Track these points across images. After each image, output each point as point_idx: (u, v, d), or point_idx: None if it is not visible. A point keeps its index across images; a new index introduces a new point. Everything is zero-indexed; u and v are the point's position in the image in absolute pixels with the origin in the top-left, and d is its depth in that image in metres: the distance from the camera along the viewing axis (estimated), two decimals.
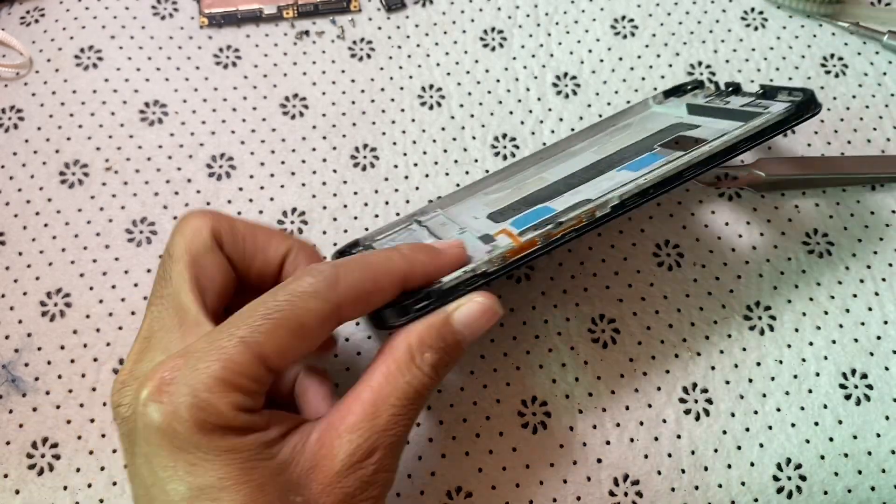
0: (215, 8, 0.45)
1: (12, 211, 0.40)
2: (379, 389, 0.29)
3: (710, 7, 0.46)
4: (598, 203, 0.31)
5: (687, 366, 0.38)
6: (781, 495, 0.35)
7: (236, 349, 0.26)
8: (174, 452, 0.26)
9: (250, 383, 0.27)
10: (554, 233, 0.31)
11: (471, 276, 0.30)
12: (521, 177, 0.39)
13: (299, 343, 0.27)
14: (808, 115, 0.33)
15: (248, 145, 0.42)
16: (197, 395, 0.26)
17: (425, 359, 0.29)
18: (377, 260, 0.29)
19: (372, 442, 0.28)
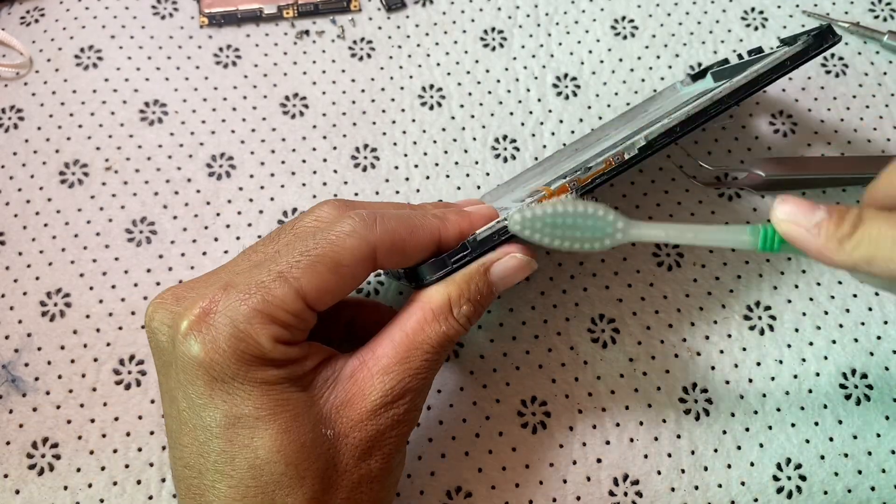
0: (215, 7, 0.45)
1: (12, 211, 0.40)
2: (413, 335, 0.30)
3: (710, 7, 0.46)
4: (625, 146, 0.31)
5: (687, 366, 0.38)
6: (781, 495, 0.35)
7: (275, 283, 0.27)
8: (211, 382, 0.27)
9: (289, 317, 0.28)
10: (583, 178, 0.31)
11: (504, 226, 0.30)
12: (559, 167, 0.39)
13: (337, 280, 0.28)
14: (826, 44, 0.33)
15: (248, 145, 0.42)
16: (236, 327, 0.27)
17: (463, 310, 0.30)
18: (414, 214, 0.31)
19: (405, 384, 0.29)
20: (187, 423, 0.28)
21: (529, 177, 0.40)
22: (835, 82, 0.44)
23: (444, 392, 0.37)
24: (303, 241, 0.29)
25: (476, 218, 0.32)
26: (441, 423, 0.36)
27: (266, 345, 0.27)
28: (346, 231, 0.29)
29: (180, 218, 0.40)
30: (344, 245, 0.28)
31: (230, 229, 0.40)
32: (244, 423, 0.27)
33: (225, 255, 0.40)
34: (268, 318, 0.27)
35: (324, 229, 0.29)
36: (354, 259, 0.28)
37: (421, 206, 0.34)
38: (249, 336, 0.27)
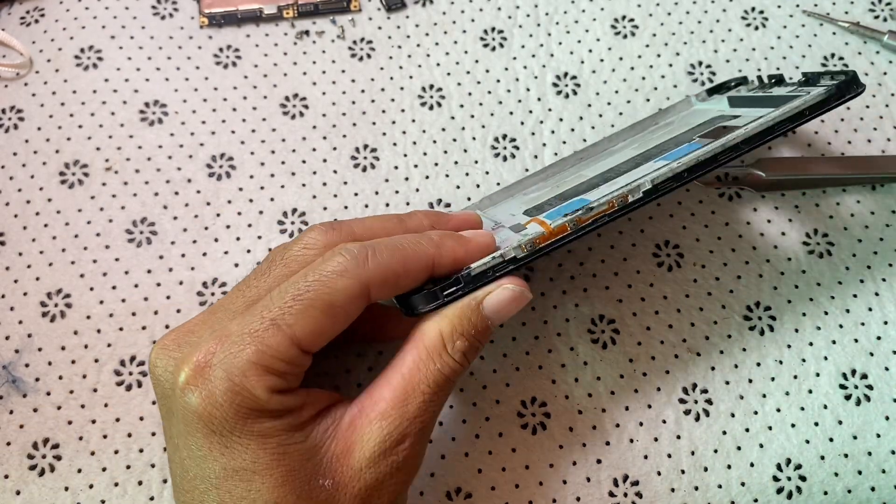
0: (215, 8, 0.45)
1: (12, 211, 0.40)
2: (410, 377, 0.29)
3: (711, 7, 0.46)
4: (630, 188, 0.30)
5: (687, 366, 0.38)
6: (781, 496, 0.36)
7: (268, 332, 0.27)
8: (210, 435, 0.27)
9: (284, 366, 0.27)
10: (584, 218, 0.30)
11: (500, 262, 0.30)
12: (561, 176, 0.39)
13: (330, 322, 0.28)
14: (849, 94, 0.32)
15: (248, 145, 0.42)
16: (232, 380, 0.27)
17: (457, 346, 0.30)
18: (407, 243, 0.30)
19: (403, 429, 0.29)
20: (189, 470, 0.28)
21: (530, 183, 0.39)
22: None
23: None
24: (294, 282, 0.28)
25: (473, 248, 0.31)
26: (441, 425, 0.36)
27: (262, 396, 0.27)
28: (338, 271, 0.28)
29: (180, 218, 0.40)
30: (336, 286, 0.28)
31: (230, 230, 0.40)
32: (241, 476, 0.27)
33: (225, 255, 0.40)
34: (263, 368, 0.27)
35: (315, 267, 0.28)
36: (347, 299, 0.28)
37: (411, 215, 0.33)
38: (245, 389, 0.27)
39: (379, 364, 0.37)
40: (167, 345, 0.29)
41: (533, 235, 0.30)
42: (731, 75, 0.44)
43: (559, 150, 0.42)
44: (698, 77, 0.44)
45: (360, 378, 0.37)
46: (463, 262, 0.30)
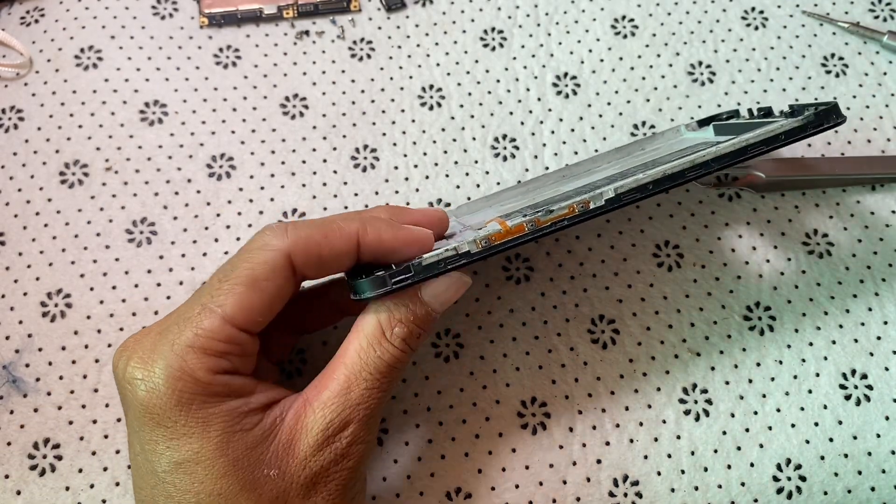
0: (215, 8, 0.45)
1: (12, 211, 0.40)
2: (351, 365, 0.30)
3: (711, 7, 0.46)
4: (592, 195, 0.30)
5: (687, 366, 0.38)
6: (781, 496, 0.36)
7: (201, 315, 0.28)
8: (155, 428, 0.28)
9: (222, 346, 0.28)
10: (543, 220, 0.30)
11: (453, 255, 0.30)
12: (540, 191, 0.39)
13: (260, 297, 0.28)
14: (828, 124, 0.32)
15: (248, 145, 0.42)
16: (171, 366, 0.27)
17: (395, 333, 0.30)
18: (332, 218, 0.30)
19: (345, 416, 0.29)
20: (141, 467, 0.28)
21: (510, 196, 0.39)
22: (835, 82, 0.44)
23: (444, 393, 0.37)
24: (222, 267, 0.29)
25: (403, 233, 0.30)
26: (441, 425, 0.37)
27: (203, 377, 0.27)
28: (258, 245, 0.29)
29: (180, 218, 0.40)
30: (257, 259, 0.28)
31: (230, 230, 0.40)
32: (185, 469, 0.28)
33: (225, 255, 0.40)
34: (200, 350, 0.28)
35: (241, 250, 0.29)
36: (270, 271, 0.28)
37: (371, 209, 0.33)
38: (185, 372, 0.27)
39: None
40: (127, 345, 0.30)
41: (488, 232, 0.30)
42: (732, 75, 0.44)
43: (559, 151, 0.42)
44: (698, 77, 0.44)
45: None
46: (389, 243, 0.30)
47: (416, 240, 0.31)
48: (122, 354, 0.29)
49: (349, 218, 0.30)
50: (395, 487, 0.35)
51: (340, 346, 0.30)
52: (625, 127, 0.43)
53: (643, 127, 0.43)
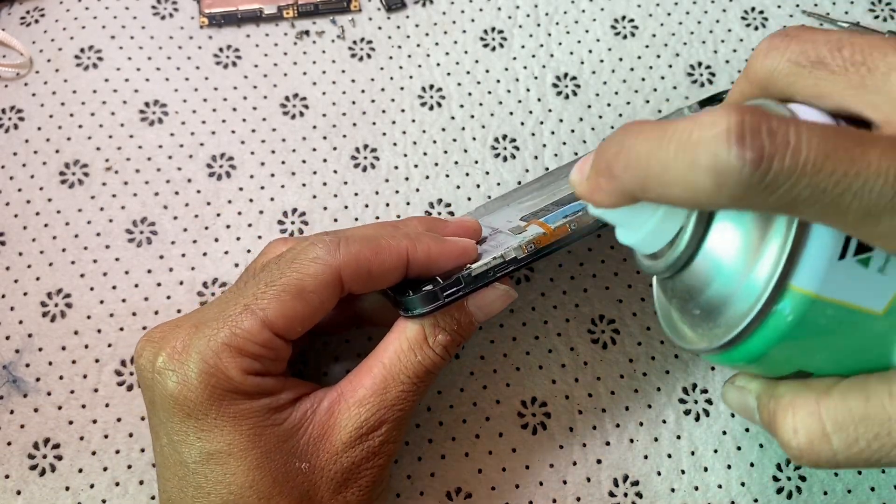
0: (215, 8, 0.45)
1: (12, 211, 0.40)
2: (390, 366, 0.30)
3: (711, 7, 0.46)
4: None
5: (687, 366, 0.38)
6: (781, 496, 0.36)
7: (242, 315, 0.28)
8: (185, 420, 0.28)
9: (258, 348, 0.28)
10: (586, 219, 0.30)
11: (501, 263, 0.30)
12: (556, 185, 0.39)
13: (303, 307, 0.29)
14: None
15: (248, 145, 0.42)
16: (206, 362, 0.27)
17: (438, 340, 0.30)
18: (381, 234, 0.30)
19: (380, 416, 0.29)
20: (168, 458, 0.29)
21: (525, 193, 0.39)
22: None
23: (444, 393, 0.37)
24: (269, 271, 0.29)
25: (449, 246, 0.31)
26: (441, 425, 0.37)
27: (236, 377, 0.28)
28: (310, 257, 0.29)
29: (181, 218, 0.40)
30: (307, 271, 0.28)
31: (230, 230, 0.40)
32: (217, 460, 0.28)
33: (225, 255, 0.40)
34: (236, 350, 0.28)
35: (290, 257, 0.29)
36: (319, 284, 0.28)
37: (406, 222, 0.33)
38: (219, 370, 0.27)
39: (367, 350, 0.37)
40: (153, 336, 0.30)
41: (533, 236, 0.30)
42: (731, 76, 0.44)
43: (559, 151, 0.43)
44: (698, 78, 0.45)
45: (350, 365, 0.37)
46: (437, 259, 0.30)
47: (463, 251, 0.31)
48: (147, 345, 0.29)
49: (396, 234, 0.30)
50: (395, 487, 0.35)
51: (378, 344, 0.31)
52: None
53: None
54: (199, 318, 0.29)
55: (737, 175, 0.19)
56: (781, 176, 0.19)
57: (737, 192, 0.20)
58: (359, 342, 0.38)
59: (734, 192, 0.20)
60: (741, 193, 0.20)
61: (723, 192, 0.20)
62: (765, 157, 0.19)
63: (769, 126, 0.20)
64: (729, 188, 0.20)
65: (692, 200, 0.21)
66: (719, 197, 0.20)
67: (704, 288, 0.24)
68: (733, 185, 0.20)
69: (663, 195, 0.22)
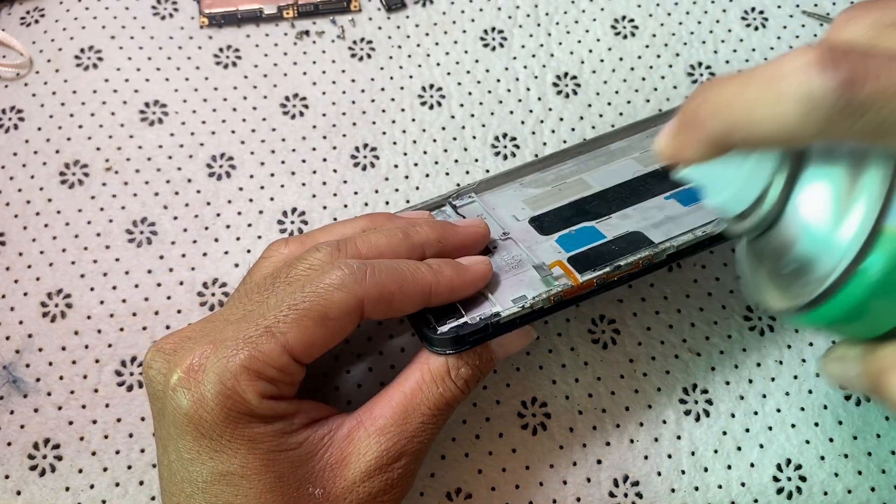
0: (215, 8, 0.45)
1: (12, 211, 0.40)
2: (412, 396, 0.30)
3: (711, 7, 0.46)
4: (656, 251, 0.32)
5: (687, 366, 0.38)
6: (781, 496, 0.36)
7: (262, 339, 0.28)
8: (199, 438, 0.27)
9: (276, 373, 0.28)
10: (612, 275, 0.32)
11: (528, 313, 0.31)
12: (560, 173, 0.39)
13: (323, 333, 0.28)
14: None
15: (248, 145, 0.42)
16: (223, 383, 0.27)
17: (461, 374, 0.31)
18: (406, 266, 0.30)
19: (401, 447, 0.29)
20: (176, 473, 0.28)
21: (528, 172, 0.39)
22: None
23: None
24: (291, 293, 0.28)
25: (470, 277, 0.31)
26: None
27: (253, 401, 0.27)
28: (336, 284, 0.28)
29: (181, 218, 0.40)
30: (332, 298, 0.28)
31: (230, 230, 0.40)
32: (229, 481, 0.27)
33: (225, 255, 0.40)
34: (255, 374, 0.27)
35: (313, 279, 0.29)
36: (342, 312, 0.28)
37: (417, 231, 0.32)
38: (236, 392, 0.27)
39: (368, 351, 0.38)
40: (164, 347, 0.30)
41: (561, 288, 0.31)
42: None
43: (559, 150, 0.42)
44: (698, 78, 0.45)
45: (360, 378, 0.37)
46: (459, 290, 0.31)
47: (482, 278, 0.32)
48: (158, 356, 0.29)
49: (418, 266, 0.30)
50: None
51: (399, 374, 0.31)
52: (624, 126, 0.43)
53: None
54: (216, 335, 0.28)
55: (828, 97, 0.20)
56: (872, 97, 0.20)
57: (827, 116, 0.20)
58: (359, 342, 0.38)
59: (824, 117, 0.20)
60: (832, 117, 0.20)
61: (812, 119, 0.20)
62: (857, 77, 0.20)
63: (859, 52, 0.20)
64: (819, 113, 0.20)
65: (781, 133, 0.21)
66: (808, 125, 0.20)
67: (795, 243, 0.24)
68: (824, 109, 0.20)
69: (752, 135, 0.22)
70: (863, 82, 0.20)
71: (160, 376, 0.29)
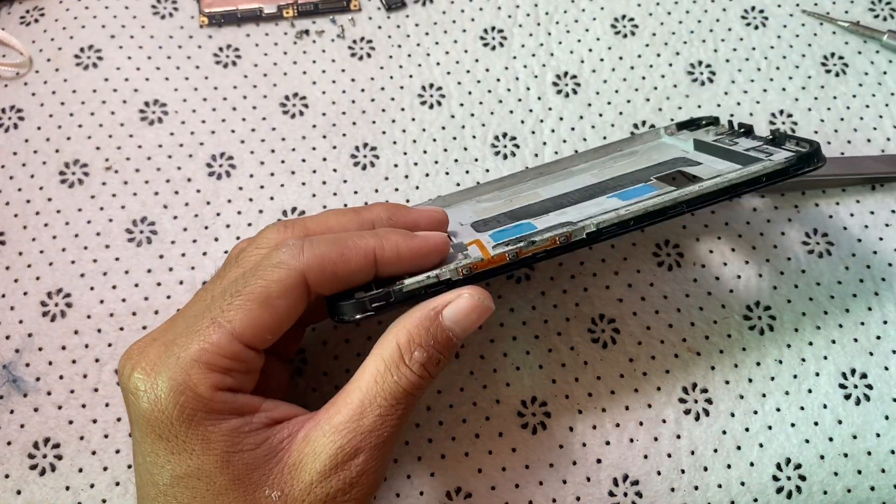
0: (215, 7, 0.45)
1: (12, 211, 0.40)
2: (367, 389, 0.29)
3: (711, 6, 0.46)
4: (575, 228, 0.30)
5: (687, 366, 0.38)
6: (781, 495, 0.36)
7: (209, 329, 0.27)
8: (157, 441, 0.27)
9: (228, 362, 0.27)
10: (525, 251, 0.30)
11: (434, 283, 0.30)
12: (517, 189, 0.39)
13: (270, 314, 0.28)
14: (808, 168, 0.32)
15: (247, 144, 0.42)
16: (174, 379, 0.27)
17: (415, 357, 0.29)
18: (347, 235, 0.29)
19: (356, 443, 0.28)
20: (142, 476, 0.28)
21: (486, 191, 0.39)
22: (835, 81, 0.44)
23: (444, 393, 0.37)
24: (235, 281, 0.28)
25: (418, 244, 0.30)
26: (441, 424, 0.37)
27: (205, 393, 0.27)
28: (273, 263, 0.28)
29: (180, 218, 0.40)
30: (271, 278, 0.28)
31: (230, 229, 0.40)
32: (186, 483, 0.27)
33: (225, 254, 0.40)
34: (205, 366, 0.27)
35: (256, 265, 0.29)
36: (284, 290, 0.28)
37: (369, 208, 0.32)
38: (188, 387, 0.27)
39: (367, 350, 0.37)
40: (132, 352, 0.29)
41: (471, 261, 0.30)
42: (731, 75, 0.44)
43: (559, 149, 0.42)
44: (698, 77, 0.44)
45: (349, 364, 0.37)
46: (406, 258, 0.30)
47: (434, 248, 0.30)
48: (127, 362, 0.29)
49: (363, 234, 0.30)
50: (395, 487, 0.35)
51: (358, 368, 0.30)
52: (625, 126, 0.43)
53: (643, 126, 0.43)
54: (169, 333, 0.28)
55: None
56: None
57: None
58: (358, 342, 0.38)
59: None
60: None
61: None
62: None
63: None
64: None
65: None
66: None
67: None
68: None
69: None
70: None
71: (124, 379, 0.29)
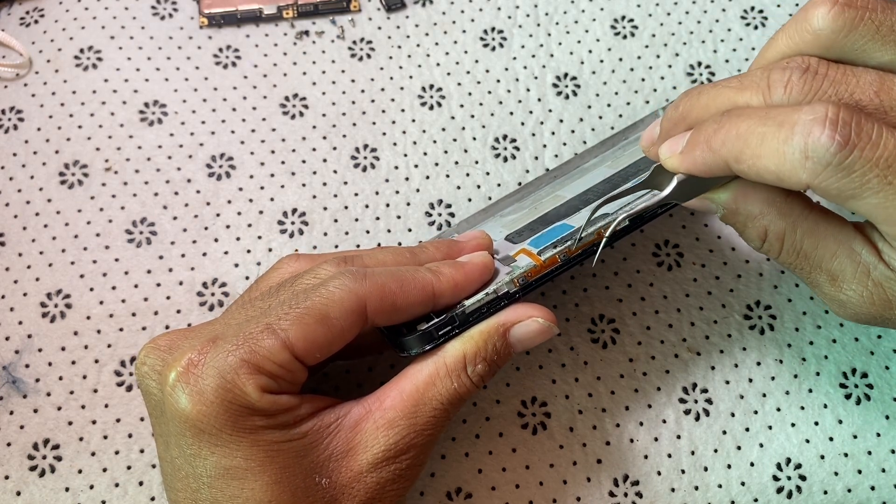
0: (215, 8, 0.45)
1: (12, 211, 0.40)
2: (424, 389, 0.30)
3: (710, 7, 0.46)
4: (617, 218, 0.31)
5: (687, 366, 0.38)
6: (781, 495, 0.36)
7: (263, 334, 0.28)
8: (199, 434, 0.27)
9: (276, 367, 0.28)
10: (573, 249, 0.31)
11: (493, 299, 0.30)
12: (536, 196, 0.39)
13: (325, 333, 0.28)
14: None
15: (247, 145, 0.42)
16: (223, 377, 0.27)
17: (477, 369, 0.30)
18: (405, 269, 0.30)
19: (410, 440, 0.29)
20: (180, 469, 0.28)
21: (506, 204, 0.39)
22: None
23: None
24: (294, 295, 0.29)
25: (470, 270, 0.31)
26: None
27: (252, 395, 0.27)
28: (336, 285, 0.29)
29: (180, 218, 0.40)
30: (332, 298, 0.28)
31: (230, 230, 0.40)
32: (234, 475, 0.27)
33: (225, 255, 0.40)
34: (254, 368, 0.27)
35: (316, 285, 0.29)
36: (343, 311, 0.28)
37: (423, 248, 0.33)
38: (236, 386, 0.27)
39: (379, 365, 0.38)
40: (159, 345, 0.30)
41: (524, 269, 0.30)
42: (730, 75, 0.44)
43: (559, 152, 0.43)
44: (698, 78, 0.45)
45: (360, 378, 0.37)
46: (463, 286, 0.31)
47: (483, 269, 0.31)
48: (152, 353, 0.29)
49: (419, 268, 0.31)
50: None
51: (411, 364, 0.30)
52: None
53: None
54: (215, 332, 0.29)
55: (823, 152, 0.24)
56: (858, 162, 0.24)
57: (818, 168, 0.25)
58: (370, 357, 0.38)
59: (816, 168, 0.25)
60: (821, 170, 0.25)
61: (807, 166, 0.25)
62: (850, 143, 0.24)
63: (859, 120, 0.24)
64: (813, 163, 0.25)
65: (778, 171, 0.25)
66: (802, 170, 0.25)
67: None
68: (817, 160, 0.24)
69: (753, 166, 0.26)
70: (853, 148, 0.24)
71: (154, 373, 0.29)
